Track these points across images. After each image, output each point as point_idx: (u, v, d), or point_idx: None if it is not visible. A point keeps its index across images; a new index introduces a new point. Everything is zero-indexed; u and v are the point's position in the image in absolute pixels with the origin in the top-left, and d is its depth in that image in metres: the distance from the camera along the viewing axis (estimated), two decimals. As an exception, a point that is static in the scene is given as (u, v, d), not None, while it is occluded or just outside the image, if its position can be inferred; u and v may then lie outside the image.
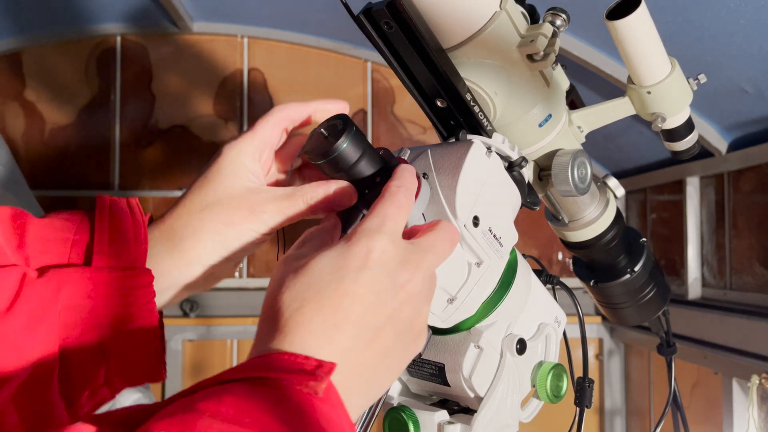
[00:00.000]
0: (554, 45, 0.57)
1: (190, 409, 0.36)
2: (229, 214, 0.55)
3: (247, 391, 0.38)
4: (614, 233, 0.76)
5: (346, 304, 0.44)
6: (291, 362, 0.41)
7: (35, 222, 0.53)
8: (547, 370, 0.67)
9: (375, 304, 0.45)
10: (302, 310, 0.44)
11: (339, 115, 0.55)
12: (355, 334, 0.44)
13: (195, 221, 0.56)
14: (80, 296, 0.50)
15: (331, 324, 0.43)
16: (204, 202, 0.56)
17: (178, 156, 2.17)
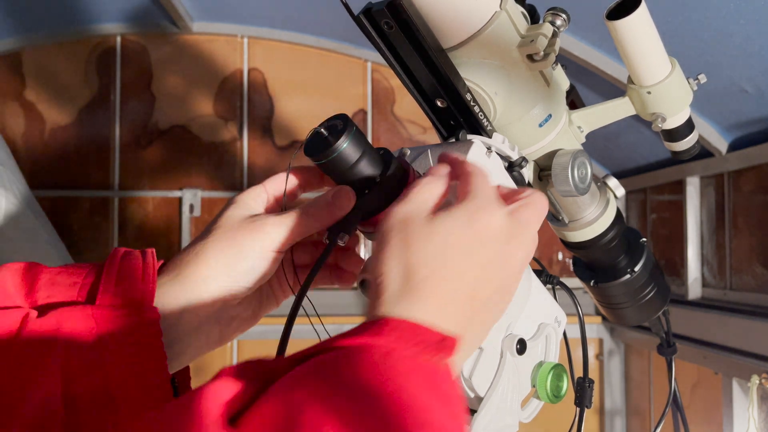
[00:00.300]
0: (554, 45, 0.57)
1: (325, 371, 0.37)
2: (232, 233, 0.55)
3: (380, 359, 0.38)
4: (614, 233, 0.76)
5: (467, 278, 0.45)
6: (415, 332, 0.41)
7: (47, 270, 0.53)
8: (547, 370, 0.67)
9: (487, 278, 0.46)
10: (430, 279, 0.44)
11: (339, 114, 0.55)
12: (467, 307, 0.45)
13: (198, 247, 0.55)
14: (82, 334, 0.49)
15: (451, 296, 0.44)
16: (207, 231, 0.56)
17: (178, 156, 2.17)
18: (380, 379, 0.36)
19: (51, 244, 1.49)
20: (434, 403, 0.38)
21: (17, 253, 1.38)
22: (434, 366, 0.40)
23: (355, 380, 0.36)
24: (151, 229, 2.15)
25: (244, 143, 2.19)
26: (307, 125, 1.99)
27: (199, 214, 2.15)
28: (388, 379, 0.37)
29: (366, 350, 0.39)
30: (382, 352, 0.39)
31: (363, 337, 0.40)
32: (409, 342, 0.40)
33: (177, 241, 2.15)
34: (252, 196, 0.58)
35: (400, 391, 0.36)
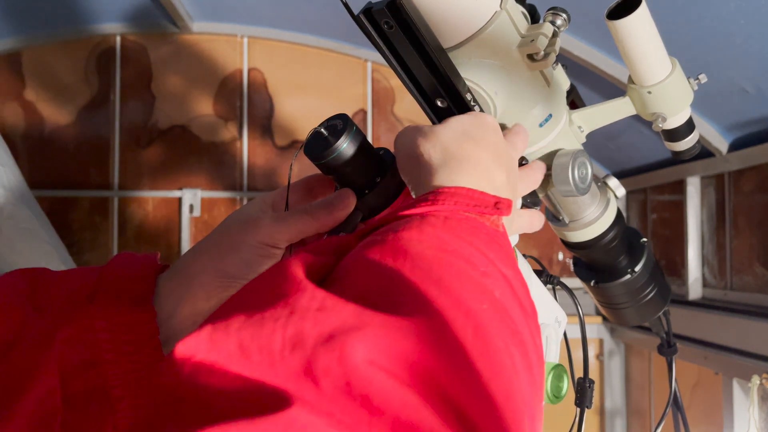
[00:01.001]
0: (555, 45, 0.57)
1: (394, 237, 0.38)
2: (227, 229, 0.55)
3: (441, 222, 0.40)
4: (615, 233, 0.76)
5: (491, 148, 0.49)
6: (471, 196, 0.43)
7: (50, 274, 0.54)
8: (548, 370, 0.66)
9: (504, 152, 0.50)
10: (465, 150, 0.47)
11: (339, 114, 0.55)
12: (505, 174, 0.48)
13: (195, 245, 0.57)
14: (79, 331, 0.49)
15: (488, 164, 0.47)
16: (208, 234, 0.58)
17: (177, 156, 2.17)
18: (444, 239, 0.38)
19: (51, 244, 1.48)
20: (495, 257, 0.39)
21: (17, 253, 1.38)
22: (493, 227, 0.42)
23: (421, 241, 0.37)
24: (150, 229, 2.15)
25: (244, 143, 2.18)
26: (307, 125, 1.99)
27: (199, 214, 2.15)
28: (450, 239, 0.38)
29: (427, 217, 0.40)
30: (442, 216, 0.40)
31: (422, 207, 0.42)
32: (467, 206, 0.42)
33: (177, 241, 2.15)
34: (251, 204, 0.59)
35: (462, 249, 0.38)
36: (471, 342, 0.33)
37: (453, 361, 0.31)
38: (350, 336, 0.30)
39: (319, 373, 0.28)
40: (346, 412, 0.28)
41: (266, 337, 0.30)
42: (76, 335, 0.49)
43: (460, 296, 0.35)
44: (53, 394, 0.47)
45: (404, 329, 0.31)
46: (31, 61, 2.12)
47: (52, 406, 0.47)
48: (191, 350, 0.30)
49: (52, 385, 0.47)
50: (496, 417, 0.31)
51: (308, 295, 0.32)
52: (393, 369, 0.29)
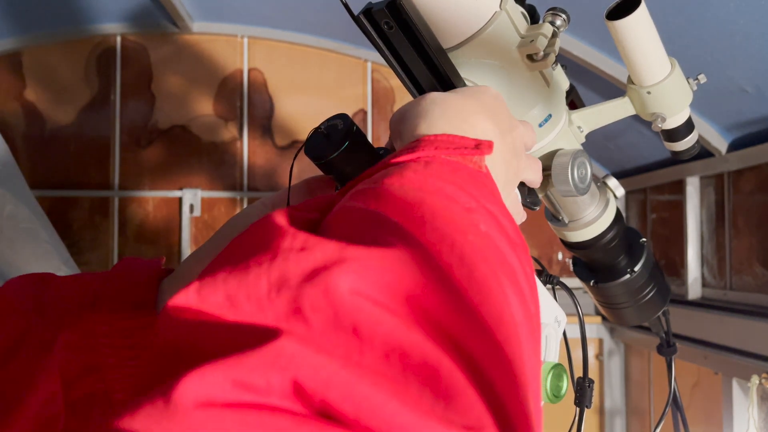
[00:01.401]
0: (554, 45, 0.57)
1: (375, 185, 0.38)
2: (229, 232, 0.56)
3: (422, 167, 0.40)
4: (614, 233, 0.76)
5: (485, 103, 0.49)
6: (451, 140, 0.43)
7: (54, 279, 0.54)
8: (547, 370, 0.67)
9: (504, 114, 0.50)
10: (449, 100, 0.48)
11: (339, 114, 0.55)
12: (494, 126, 0.48)
13: (197, 250, 0.57)
14: (81, 335, 0.49)
15: (473, 111, 0.47)
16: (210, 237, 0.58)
17: (178, 156, 2.17)
18: (425, 181, 0.38)
19: (51, 244, 1.48)
20: (479, 194, 0.40)
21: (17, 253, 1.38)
22: (476, 167, 0.42)
23: (402, 185, 0.38)
24: (151, 229, 2.15)
25: (244, 143, 2.19)
26: (307, 125, 1.99)
27: (199, 214, 2.15)
28: (432, 180, 0.39)
29: (408, 163, 0.41)
30: (423, 161, 0.41)
31: (403, 156, 0.42)
32: (447, 149, 0.42)
33: (177, 241, 2.15)
34: (252, 207, 0.59)
35: (444, 188, 0.38)
36: (458, 270, 0.33)
37: (439, 288, 0.32)
38: (333, 269, 0.30)
39: (307, 310, 0.29)
40: (337, 343, 0.28)
41: (252, 283, 0.30)
42: (77, 340, 0.49)
43: (444, 230, 0.35)
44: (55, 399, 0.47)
45: (388, 259, 0.31)
46: (32, 61, 2.12)
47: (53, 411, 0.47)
48: (181, 306, 0.30)
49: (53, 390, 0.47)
50: (488, 339, 0.32)
51: (290, 238, 0.32)
52: (379, 298, 0.30)
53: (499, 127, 0.48)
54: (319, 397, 0.26)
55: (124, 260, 0.56)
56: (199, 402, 0.25)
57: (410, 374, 0.28)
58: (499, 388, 0.30)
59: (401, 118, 0.49)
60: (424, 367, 0.28)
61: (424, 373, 0.28)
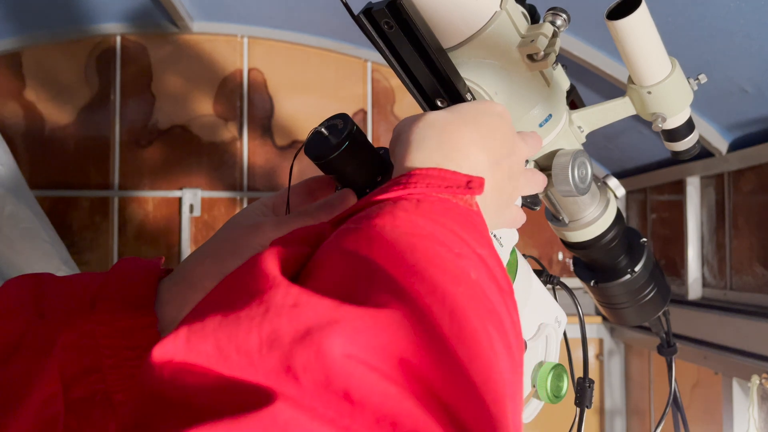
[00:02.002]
0: (554, 45, 0.57)
1: (366, 224, 0.38)
2: (228, 233, 0.56)
3: (413, 206, 0.40)
4: (614, 233, 0.76)
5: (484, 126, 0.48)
6: (442, 177, 0.43)
7: (54, 279, 0.54)
8: (548, 370, 0.67)
9: (501, 139, 0.49)
10: (447, 128, 0.47)
11: (339, 114, 0.55)
12: (487, 157, 0.47)
13: (197, 249, 0.57)
14: (81, 336, 0.49)
15: (469, 141, 0.47)
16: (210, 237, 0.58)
17: (178, 156, 2.17)
18: (417, 223, 0.38)
19: (51, 244, 1.48)
20: (469, 238, 0.39)
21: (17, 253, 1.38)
22: (467, 206, 0.42)
23: (394, 227, 0.38)
24: (151, 228, 2.15)
25: (244, 143, 2.18)
26: (307, 125, 1.99)
27: (199, 213, 2.15)
28: (424, 222, 0.38)
29: (400, 201, 0.41)
30: (414, 199, 0.41)
31: (394, 191, 0.42)
32: (438, 187, 0.42)
33: (177, 241, 2.15)
34: (251, 207, 0.59)
35: (435, 231, 0.38)
36: (448, 327, 0.33)
37: (430, 348, 0.32)
38: (326, 331, 0.30)
39: (299, 370, 0.29)
40: (328, 407, 0.28)
41: (243, 337, 0.30)
42: (77, 341, 0.49)
43: (435, 281, 0.35)
44: (55, 400, 0.47)
45: (380, 320, 0.31)
46: (31, 61, 2.12)
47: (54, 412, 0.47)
48: (169, 354, 0.30)
49: (53, 391, 0.47)
50: (477, 400, 0.32)
51: (282, 292, 0.32)
52: (371, 361, 0.30)
53: (493, 155, 0.48)
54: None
55: (123, 260, 0.56)
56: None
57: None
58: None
59: (398, 137, 0.49)
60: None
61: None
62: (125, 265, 0.55)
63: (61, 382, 0.47)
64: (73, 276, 0.55)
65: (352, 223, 0.40)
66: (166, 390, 0.29)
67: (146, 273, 0.54)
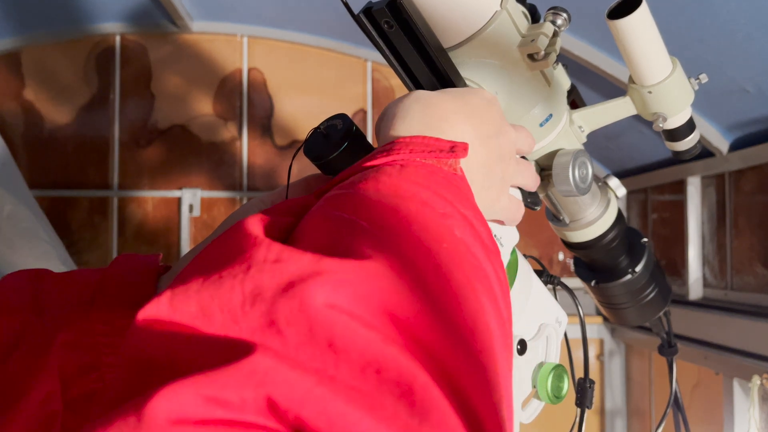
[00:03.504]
0: (555, 44, 0.57)
1: (350, 189, 0.38)
2: None
3: (396, 171, 0.40)
4: (615, 233, 0.76)
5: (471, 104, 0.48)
6: (425, 143, 0.43)
7: (52, 276, 0.54)
8: (548, 370, 0.66)
9: (489, 119, 0.49)
10: (431, 99, 0.47)
11: (339, 114, 0.55)
12: (473, 130, 0.47)
13: (194, 248, 0.56)
14: (79, 334, 0.49)
15: (453, 112, 0.47)
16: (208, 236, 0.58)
17: (177, 156, 2.16)
18: (400, 186, 0.38)
19: (50, 244, 1.48)
20: (453, 199, 0.39)
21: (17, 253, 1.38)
22: (451, 170, 0.42)
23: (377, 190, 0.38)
24: (150, 229, 2.15)
25: (243, 143, 2.18)
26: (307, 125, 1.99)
27: (199, 213, 2.15)
28: (407, 185, 0.38)
29: (383, 167, 0.41)
30: (398, 165, 0.41)
31: (379, 159, 0.42)
32: (422, 152, 0.42)
33: (176, 241, 2.14)
34: (250, 204, 0.59)
35: (419, 193, 0.38)
36: (432, 279, 0.33)
37: (414, 298, 0.31)
38: (308, 282, 0.30)
39: (282, 323, 0.29)
40: (313, 358, 0.28)
41: (226, 294, 0.30)
42: (75, 339, 0.49)
43: (419, 237, 0.35)
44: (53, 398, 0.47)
45: (363, 271, 0.31)
46: (31, 60, 2.11)
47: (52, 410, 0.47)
48: (153, 316, 0.30)
49: (52, 389, 0.47)
50: (463, 349, 0.32)
51: (264, 249, 0.32)
52: (355, 311, 0.30)
53: (479, 130, 0.48)
54: (294, 413, 0.26)
55: (122, 256, 0.56)
56: (171, 419, 0.25)
57: (385, 389, 0.28)
58: (473, 400, 0.30)
59: (383, 114, 0.49)
60: (399, 382, 0.28)
61: (400, 387, 0.28)
62: (124, 261, 0.55)
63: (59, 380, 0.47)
64: (71, 272, 0.55)
65: (337, 190, 0.40)
66: (150, 351, 0.29)
67: (145, 270, 0.54)
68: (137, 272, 0.54)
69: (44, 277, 0.54)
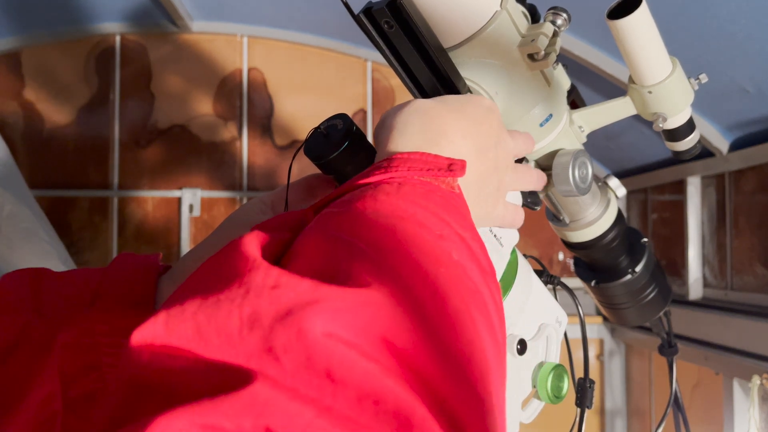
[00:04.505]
0: (555, 44, 0.57)
1: (348, 207, 0.38)
2: (226, 232, 0.56)
3: (394, 189, 0.40)
4: (615, 233, 0.76)
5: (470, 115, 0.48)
6: (423, 161, 0.43)
7: (52, 275, 0.54)
8: (548, 370, 0.66)
9: (487, 129, 0.49)
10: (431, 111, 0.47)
11: (339, 114, 0.55)
12: (471, 143, 0.47)
13: (194, 249, 0.57)
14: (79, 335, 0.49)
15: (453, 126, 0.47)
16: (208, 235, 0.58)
17: (177, 156, 2.16)
18: (398, 206, 0.38)
19: (51, 244, 1.48)
20: (451, 219, 0.39)
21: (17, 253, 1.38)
22: (449, 189, 0.42)
23: (375, 210, 0.38)
24: (150, 228, 2.15)
25: (243, 143, 2.18)
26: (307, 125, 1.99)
27: (199, 213, 2.15)
28: (405, 205, 0.38)
29: (381, 185, 0.40)
30: (396, 183, 0.41)
31: (376, 175, 0.42)
32: (420, 170, 0.42)
33: (176, 241, 2.14)
34: (251, 204, 0.59)
35: (417, 213, 0.38)
36: (430, 306, 0.33)
37: (412, 327, 0.31)
38: (307, 310, 0.30)
39: (279, 351, 0.28)
40: (309, 386, 0.28)
41: (223, 318, 0.30)
42: (76, 339, 0.49)
43: (416, 261, 0.35)
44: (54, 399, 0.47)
45: (361, 299, 0.31)
46: (31, 60, 2.11)
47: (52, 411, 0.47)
48: (148, 338, 0.30)
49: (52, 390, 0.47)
50: (460, 377, 0.31)
51: (263, 273, 0.32)
52: (353, 340, 0.29)
53: (477, 143, 0.48)
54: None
55: (122, 255, 0.56)
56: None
57: (383, 421, 0.28)
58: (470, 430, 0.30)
59: (382, 123, 0.49)
60: (397, 414, 0.28)
61: (398, 419, 0.28)
62: (124, 261, 0.55)
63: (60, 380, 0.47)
64: (71, 272, 0.55)
65: (334, 207, 0.39)
66: (146, 375, 0.29)
67: (145, 271, 0.54)
68: (137, 272, 0.54)
69: (44, 276, 0.54)
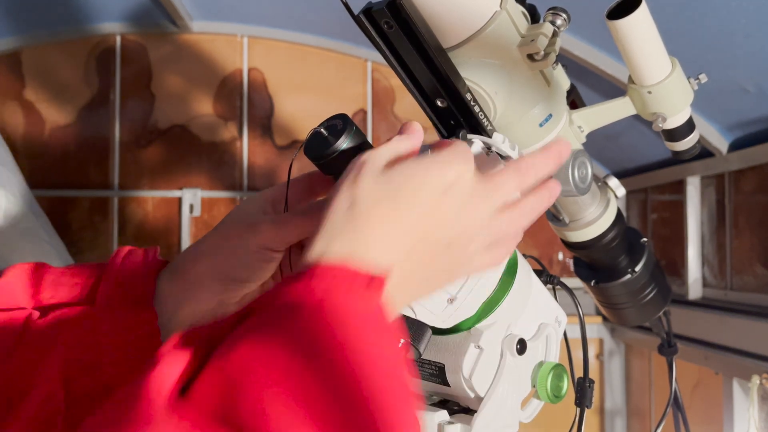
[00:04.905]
0: (555, 44, 0.57)
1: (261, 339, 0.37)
2: (226, 232, 0.56)
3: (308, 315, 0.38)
4: (615, 233, 0.76)
5: (415, 214, 0.45)
6: (345, 276, 0.41)
7: (52, 270, 0.54)
8: (548, 370, 0.66)
9: (440, 222, 0.45)
10: (374, 209, 0.44)
11: (339, 114, 0.55)
12: (414, 245, 0.45)
13: (195, 246, 0.57)
14: (81, 335, 0.49)
15: (396, 229, 0.44)
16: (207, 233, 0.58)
17: (177, 156, 2.16)
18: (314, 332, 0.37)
19: (51, 244, 1.48)
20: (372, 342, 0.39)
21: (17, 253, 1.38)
22: (367, 309, 0.40)
23: (289, 338, 0.37)
24: (150, 228, 2.15)
25: (243, 143, 2.18)
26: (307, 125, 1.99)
27: (199, 213, 2.15)
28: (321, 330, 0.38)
29: (297, 305, 0.39)
30: (313, 303, 0.39)
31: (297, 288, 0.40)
32: (339, 288, 0.40)
33: (177, 241, 2.14)
34: (251, 201, 0.59)
35: (333, 340, 0.37)
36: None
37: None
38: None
39: None
40: None
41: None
42: (77, 337, 0.49)
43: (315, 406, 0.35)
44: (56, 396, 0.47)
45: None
46: (31, 61, 2.11)
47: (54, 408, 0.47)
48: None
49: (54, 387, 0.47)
50: None
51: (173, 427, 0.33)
52: None
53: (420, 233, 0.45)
54: None
55: (120, 250, 0.56)
56: None
57: None
58: None
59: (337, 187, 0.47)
60: None
61: None
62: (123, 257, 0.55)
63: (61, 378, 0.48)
64: (71, 268, 0.55)
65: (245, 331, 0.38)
66: None
67: (145, 268, 0.54)
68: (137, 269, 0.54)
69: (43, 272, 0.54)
